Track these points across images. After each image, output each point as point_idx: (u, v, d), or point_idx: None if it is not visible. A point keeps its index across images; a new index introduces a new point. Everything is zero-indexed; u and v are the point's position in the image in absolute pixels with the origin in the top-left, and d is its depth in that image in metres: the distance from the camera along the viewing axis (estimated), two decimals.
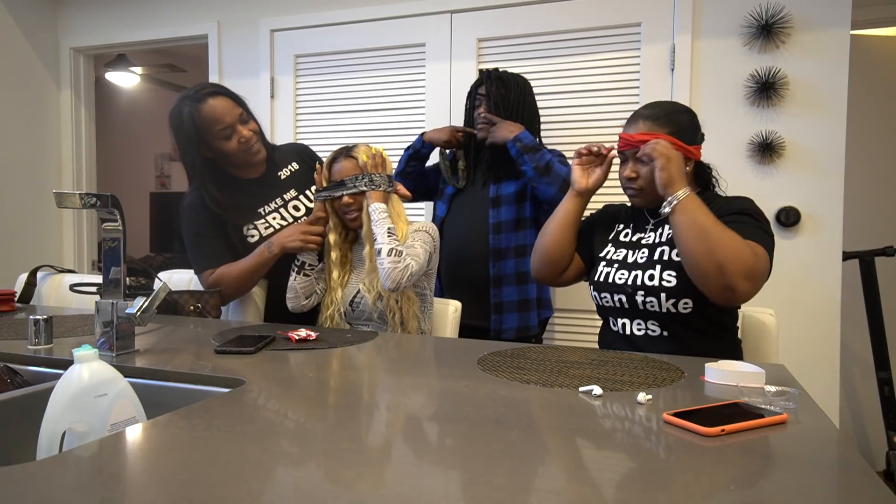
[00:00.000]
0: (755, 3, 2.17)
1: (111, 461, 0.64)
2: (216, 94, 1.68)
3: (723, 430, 0.74)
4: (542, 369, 1.07)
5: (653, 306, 1.35)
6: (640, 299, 1.36)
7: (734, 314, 1.43)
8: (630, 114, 2.23)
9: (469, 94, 2.08)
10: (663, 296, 1.33)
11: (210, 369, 1.05)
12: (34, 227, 3.17)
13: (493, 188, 1.97)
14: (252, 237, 1.74)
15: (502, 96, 1.96)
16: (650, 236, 1.44)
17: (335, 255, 1.67)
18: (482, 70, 2.05)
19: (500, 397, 0.89)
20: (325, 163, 1.69)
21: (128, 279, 1.18)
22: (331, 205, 1.66)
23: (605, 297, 1.43)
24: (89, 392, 0.81)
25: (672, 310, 1.34)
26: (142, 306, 1.13)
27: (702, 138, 1.43)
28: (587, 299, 2.34)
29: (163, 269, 2.02)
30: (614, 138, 2.21)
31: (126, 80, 4.98)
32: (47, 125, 3.22)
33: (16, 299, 1.91)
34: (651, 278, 1.35)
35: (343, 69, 2.72)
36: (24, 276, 1.99)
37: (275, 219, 1.76)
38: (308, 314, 1.72)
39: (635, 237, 1.47)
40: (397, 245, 1.52)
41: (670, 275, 1.33)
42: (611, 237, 1.52)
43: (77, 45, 3.23)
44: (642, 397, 0.88)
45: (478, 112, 2.01)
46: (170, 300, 1.68)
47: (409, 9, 2.59)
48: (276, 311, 1.78)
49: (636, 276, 1.37)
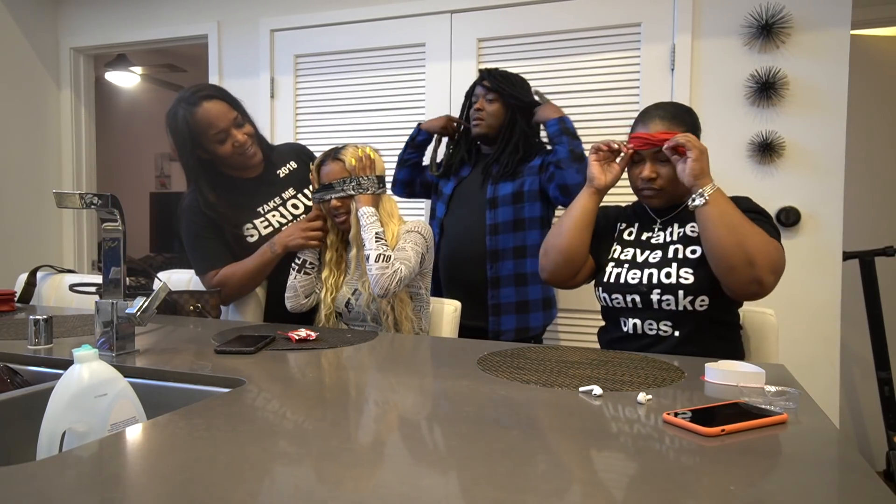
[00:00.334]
0: (755, 3, 2.17)
1: (111, 461, 0.64)
2: (211, 98, 1.67)
3: (723, 430, 0.74)
4: (542, 369, 1.07)
5: (668, 304, 1.35)
6: (655, 298, 1.36)
7: (738, 314, 1.44)
8: (630, 114, 2.30)
9: (467, 93, 2.09)
10: (681, 293, 1.33)
11: (210, 369, 1.05)
12: (34, 227, 3.17)
13: (491, 189, 1.97)
14: (252, 236, 1.74)
15: (506, 85, 1.97)
16: (659, 235, 1.44)
17: (330, 255, 1.68)
18: (482, 70, 2.05)
19: (500, 397, 0.89)
20: (314, 165, 1.69)
21: (128, 279, 1.18)
22: (325, 206, 1.66)
23: (616, 297, 1.42)
24: (89, 392, 0.81)
25: (689, 307, 1.34)
26: (142, 306, 1.13)
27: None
28: (587, 299, 2.35)
29: (163, 269, 2.02)
30: (614, 138, 2.21)
31: (126, 80, 4.98)
32: (47, 125, 3.22)
33: (16, 299, 1.91)
34: (668, 276, 1.35)
35: (343, 69, 2.72)
36: (24, 276, 2.00)
37: (274, 217, 1.77)
38: (308, 314, 1.72)
39: (643, 236, 1.47)
40: (385, 250, 1.52)
41: (687, 272, 1.34)
42: (615, 236, 1.52)
43: (77, 45, 3.23)
44: (642, 397, 0.88)
45: (474, 109, 2.01)
46: (170, 300, 1.68)
47: (409, 9, 2.59)
48: (277, 310, 1.78)
49: (651, 275, 1.37)
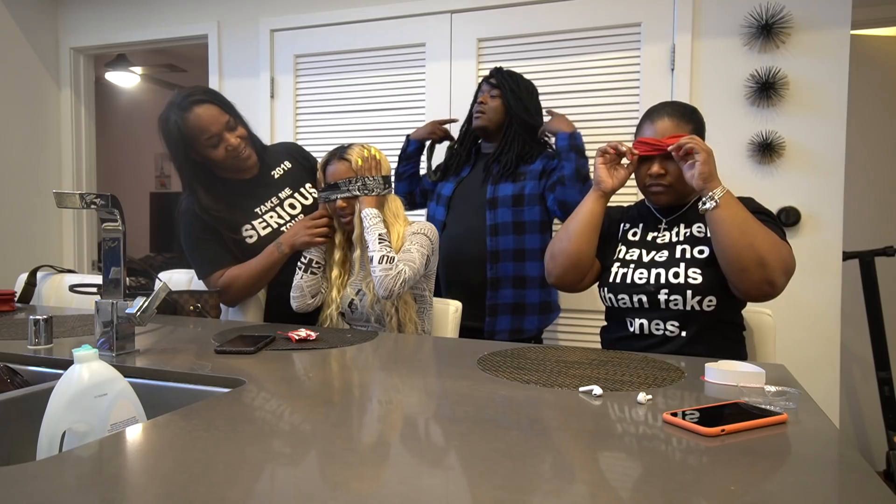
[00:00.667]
0: (755, 3, 2.17)
1: (111, 461, 0.64)
2: (202, 103, 1.65)
3: (723, 430, 0.74)
4: (542, 369, 1.07)
5: (676, 304, 1.35)
6: (663, 298, 1.35)
7: (742, 315, 1.44)
8: (630, 114, 2.30)
9: (476, 89, 2.09)
10: (689, 293, 1.33)
11: (210, 369, 1.05)
12: (34, 227, 3.17)
13: (491, 189, 1.96)
14: (251, 238, 1.74)
15: (512, 85, 1.97)
16: (665, 235, 1.44)
17: (338, 255, 1.67)
18: (495, 67, 2.05)
19: (500, 397, 0.89)
20: (319, 164, 1.69)
21: (128, 279, 1.18)
22: (330, 206, 1.66)
23: (622, 298, 1.41)
24: (89, 392, 0.81)
25: (696, 308, 1.33)
26: (142, 306, 1.13)
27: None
28: (586, 299, 2.35)
29: (163, 269, 2.02)
30: (614, 138, 2.22)
31: (126, 80, 4.98)
32: (47, 125, 3.22)
33: (16, 299, 1.91)
34: (676, 276, 1.35)
35: (343, 69, 2.72)
36: (24, 276, 2.00)
37: (272, 218, 1.76)
38: (310, 314, 1.72)
39: (648, 236, 1.46)
40: (389, 252, 1.51)
41: (696, 272, 1.34)
42: (619, 237, 1.51)
43: (77, 45, 3.23)
44: (642, 397, 0.88)
45: (477, 102, 2.02)
46: (170, 300, 1.68)
47: (409, 9, 2.58)
48: (277, 310, 1.78)
49: (659, 275, 1.37)
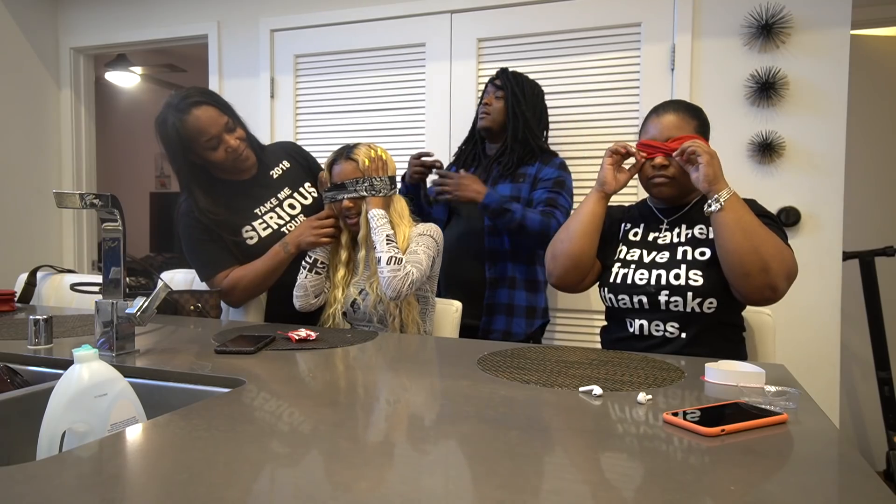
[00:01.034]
0: (755, 3, 2.17)
1: (111, 461, 0.64)
2: (200, 104, 1.63)
3: (723, 430, 0.74)
4: (542, 369, 1.07)
5: (676, 306, 1.34)
6: (663, 299, 1.35)
7: (742, 316, 1.44)
8: (630, 114, 2.30)
9: (483, 91, 2.09)
10: (689, 295, 1.33)
11: (210, 369, 1.05)
12: (34, 227, 3.17)
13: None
14: (251, 239, 1.74)
15: (517, 87, 1.97)
16: (666, 236, 1.43)
17: (343, 255, 1.67)
18: (501, 68, 2.05)
19: (500, 397, 0.89)
20: (326, 163, 1.68)
21: (128, 279, 1.18)
22: (336, 206, 1.65)
23: (622, 298, 1.41)
24: (89, 392, 0.81)
25: (697, 309, 1.33)
26: (142, 306, 1.13)
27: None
28: (585, 299, 2.35)
29: (163, 270, 2.02)
30: (614, 138, 2.22)
31: (126, 80, 4.98)
32: (47, 125, 3.22)
33: (16, 299, 1.91)
34: (677, 277, 1.35)
35: (343, 69, 2.72)
36: (24, 276, 2.00)
37: (272, 218, 1.76)
38: (311, 313, 1.71)
39: (649, 237, 1.46)
40: (396, 253, 1.51)
41: (696, 274, 1.33)
42: (620, 237, 1.51)
43: (77, 45, 3.23)
44: (642, 397, 0.88)
45: (483, 103, 2.03)
46: (170, 300, 1.68)
47: (409, 9, 2.58)
48: (278, 310, 1.78)
49: (659, 276, 1.37)
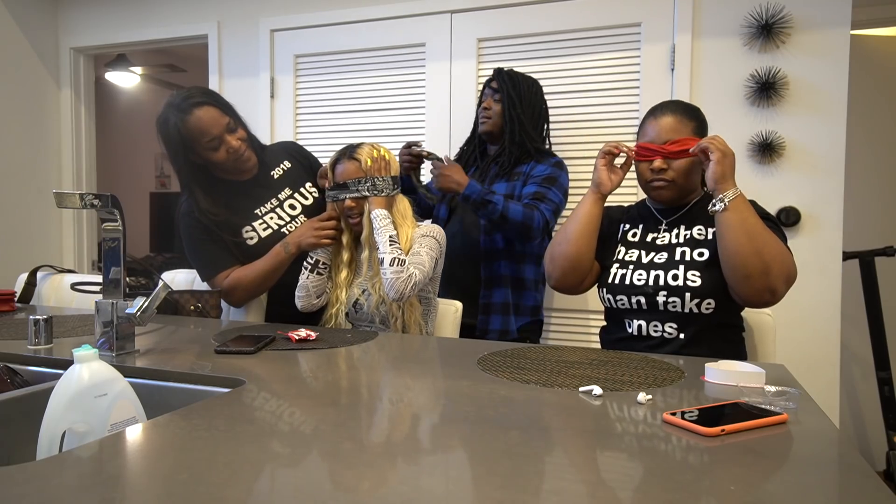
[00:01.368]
0: (755, 3, 2.17)
1: (111, 461, 0.64)
2: (201, 105, 1.63)
3: (723, 430, 0.74)
4: (542, 369, 1.07)
5: (675, 307, 1.34)
6: (661, 300, 1.35)
7: (741, 317, 1.44)
8: (630, 114, 2.30)
9: (480, 92, 2.09)
10: (688, 296, 1.32)
11: (210, 369, 1.05)
12: (34, 227, 3.17)
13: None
14: (251, 239, 1.74)
15: (512, 90, 1.97)
16: (665, 237, 1.43)
17: (346, 255, 1.67)
18: (495, 69, 2.05)
19: (500, 397, 0.89)
20: (329, 162, 1.68)
21: (128, 279, 1.18)
22: (339, 205, 1.65)
23: (620, 299, 1.41)
24: (89, 392, 0.81)
25: (695, 310, 1.33)
26: (142, 306, 1.13)
27: None
28: (581, 299, 2.35)
29: (163, 270, 2.01)
30: (614, 138, 2.21)
31: (126, 80, 4.98)
32: (47, 125, 3.22)
33: (16, 299, 1.91)
34: (675, 278, 1.34)
35: (343, 69, 2.72)
36: (24, 276, 2.00)
37: (272, 219, 1.76)
38: (312, 313, 1.71)
39: (648, 237, 1.46)
40: (399, 254, 1.51)
41: (695, 275, 1.33)
42: (619, 238, 1.51)
43: (77, 45, 3.23)
44: (642, 397, 0.88)
45: (482, 107, 2.02)
46: (170, 300, 1.68)
47: (409, 9, 2.58)
48: (279, 310, 1.78)
49: (657, 277, 1.36)
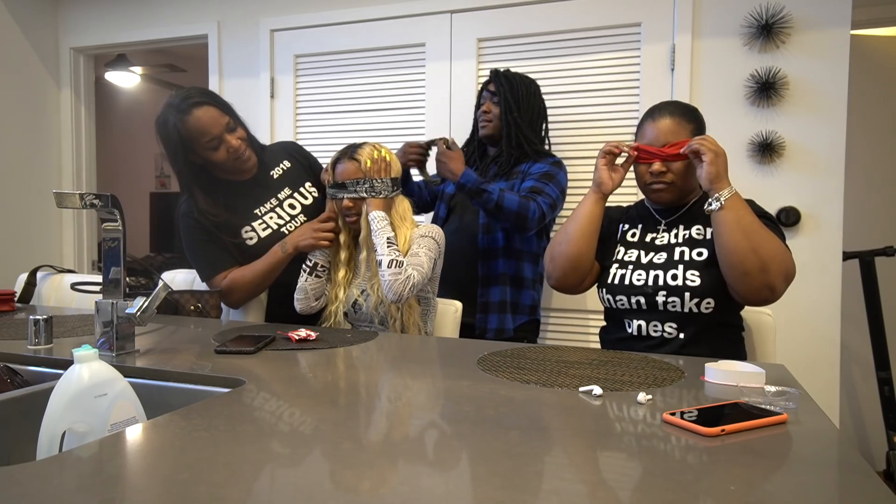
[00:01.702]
0: (755, 3, 2.17)
1: (111, 461, 0.64)
2: (201, 105, 1.63)
3: (723, 430, 0.74)
4: (542, 369, 1.07)
5: (674, 306, 1.34)
6: (661, 300, 1.35)
7: (741, 316, 1.44)
8: (630, 114, 2.30)
9: (478, 94, 2.09)
10: (687, 295, 1.33)
11: (210, 369, 1.05)
12: (34, 227, 3.17)
13: None
14: (251, 240, 1.73)
15: (509, 93, 1.96)
16: (664, 237, 1.43)
17: (344, 255, 1.67)
18: (491, 70, 2.05)
19: (500, 397, 0.89)
20: (331, 160, 1.68)
21: (128, 279, 1.18)
22: (337, 204, 1.65)
23: (620, 299, 1.41)
24: (89, 392, 0.81)
25: (694, 310, 1.33)
26: (142, 306, 1.13)
27: None
28: (580, 299, 2.35)
29: (163, 270, 2.01)
30: (614, 138, 2.21)
31: (126, 80, 4.98)
32: (47, 125, 3.22)
33: (16, 299, 1.91)
34: (674, 278, 1.35)
35: (343, 69, 2.72)
36: (24, 276, 2.00)
37: (272, 219, 1.76)
38: (312, 314, 1.71)
39: (647, 237, 1.46)
40: (398, 256, 1.51)
41: (694, 274, 1.33)
42: (618, 238, 1.51)
43: (77, 45, 3.23)
44: (642, 397, 0.88)
45: (481, 111, 2.02)
46: (170, 300, 1.68)
47: (409, 9, 2.58)
48: (278, 310, 1.78)
49: (657, 277, 1.37)
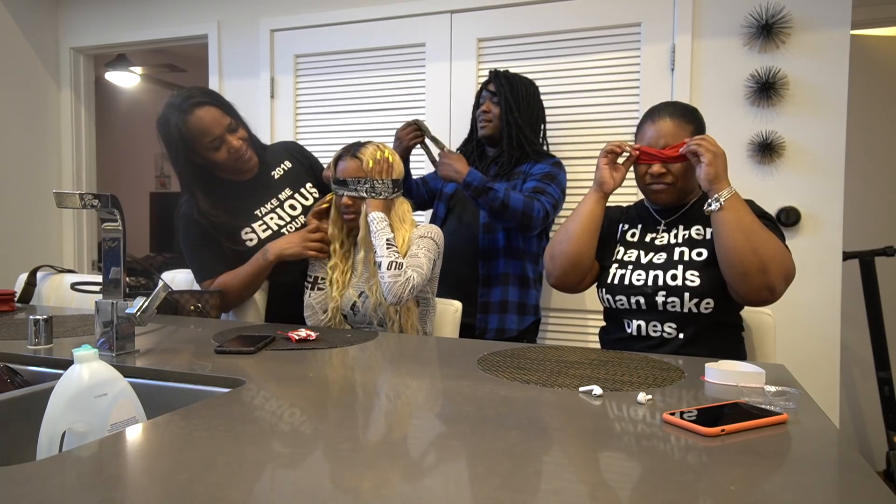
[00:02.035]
0: (755, 3, 2.17)
1: (111, 461, 0.64)
2: (202, 105, 1.63)
3: (723, 430, 0.74)
4: (542, 369, 1.07)
5: (674, 307, 1.34)
6: (660, 300, 1.35)
7: (741, 316, 1.44)
8: (630, 114, 2.30)
9: (477, 94, 2.09)
10: (687, 295, 1.33)
11: (210, 369, 1.05)
12: (34, 227, 3.17)
13: None
14: (251, 241, 1.73)
15: (510, 93, 1.96)
16: (664, 237, 1.43)
17: (336, 246, 1.66)
18: (490, 70, 2.05)
19: (500, 397, 0.89)
20: (334, 156, 1.67)
21: (128, 279, 1.18)
22: (337, 199, 1.64)
23: (620, 299, 1.41)
24: (89, 392, 0.81)
25: (694, 310, 1.33)
26: (142, 306, 1.13)
27: None
28: (579, 299, 2.35)
29: (163, 270, 2.01)
30: (614, 138, 2.21)
31: (126, 80, 4.98)
32: (47, 125, 3.22)
33: (16, 299, 1.91)
34: (674, 278, 1.35)
35: (343, 69, 2.72)
36: (24, 276, 2.00)
37: (272, 219, 1.76)
38: None
39: (647, 238, 1.46)
40: (397, 258, 1.50)
41: (693, 275, 1.33)
42: (618, 238, 1.51)
43: (77, 45, 3.23)
44: (642, 397, 0.88)
45: (480, 111, 2.02)
46: (170, 300, 1.68)
47: (409, 9, 2.58)
48: (277, 310, 1.78)
49: (656, 277, 1.37)
